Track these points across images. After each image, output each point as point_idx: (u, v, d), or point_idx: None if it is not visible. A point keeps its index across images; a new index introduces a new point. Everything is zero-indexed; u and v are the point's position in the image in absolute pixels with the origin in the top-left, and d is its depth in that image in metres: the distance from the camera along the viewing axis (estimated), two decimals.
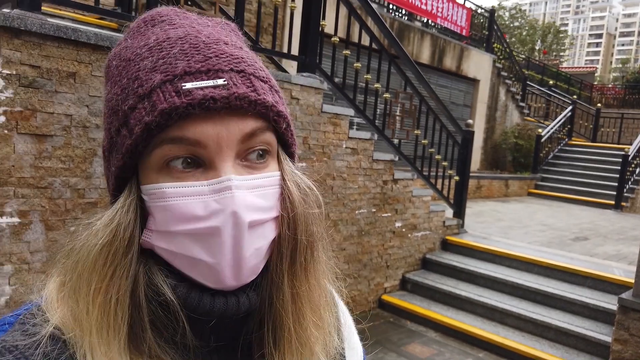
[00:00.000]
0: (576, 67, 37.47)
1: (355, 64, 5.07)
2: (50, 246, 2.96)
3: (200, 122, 0.51)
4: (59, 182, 2.97)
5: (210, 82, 0.51)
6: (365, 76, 5.22)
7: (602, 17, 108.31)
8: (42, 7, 3.07)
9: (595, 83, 28.58)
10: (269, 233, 0.56)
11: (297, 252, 0.58)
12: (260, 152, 0.55)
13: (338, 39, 4.96)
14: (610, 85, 28.40)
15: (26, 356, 0.49)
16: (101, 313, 0.51)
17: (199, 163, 0.53)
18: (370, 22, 5.63)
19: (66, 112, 2.96)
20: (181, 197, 0.52)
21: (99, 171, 3.13)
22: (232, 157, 0.53)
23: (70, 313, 0.52)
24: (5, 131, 2.75)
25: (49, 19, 2.95)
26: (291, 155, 0.62)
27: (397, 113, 5.67)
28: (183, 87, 0.50)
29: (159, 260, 0.55)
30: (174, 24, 0.57)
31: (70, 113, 2.98)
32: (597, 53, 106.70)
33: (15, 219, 2.83)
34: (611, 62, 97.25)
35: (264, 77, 0.56)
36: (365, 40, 5.27)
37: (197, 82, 0.51)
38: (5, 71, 2.73)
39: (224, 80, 0.51)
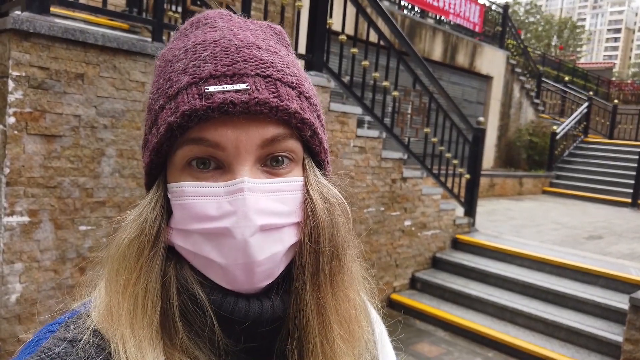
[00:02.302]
0: (594, 63, 36.88)
1: (363, 62, 5.06)
2: (59, 245, 3.02)
3: (221, 125, 0.52)
4: (67, 182, 3.02)
5: (233, 87, 0.52)
6: (373, 74, 5.20)
7: (620, 12, 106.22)
8: (54, 10, 3.12)
9: (613, 79, 28.08)
10: (287, 238, 0.55)
11: (320, 264, 0.56)
12: (283, 159, 0.55)
13: (346, 37, 4.95)
14: (628, 81, 27.89)
15: None
16: (131, 304, 0.52)
17: (219, 165, 0.53)
18: (379, 21, 5.61)
19: (74, 112, 3.01)
20: (198, 197, 0.53)
21: (107, 171, 3.17)
22: (251, 161, 0.53)
23: (105, 306, 0.54)
24: (15, 132, 2.81)
25: (59, 21, 3.00)
26: (320, 164, 0.61)
27: (407, 111, 5.64)
28: (206, 90, 0.51)
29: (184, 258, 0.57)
30: (214, 27, 0.58)
31: (78, 114, 3.03)
32: (615, 48, 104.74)
33: (26, 218, 2.88)
34: (630, 58, 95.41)
35: (292, 83, 0.56)
36: (374, 38, 5.25)
37: (220, 86, 0.52)
38: (15, 73, 2.78)
39: (247, 85, 0.52)
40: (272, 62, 0.55)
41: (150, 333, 0.51)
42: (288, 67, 0.57)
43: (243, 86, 0.52)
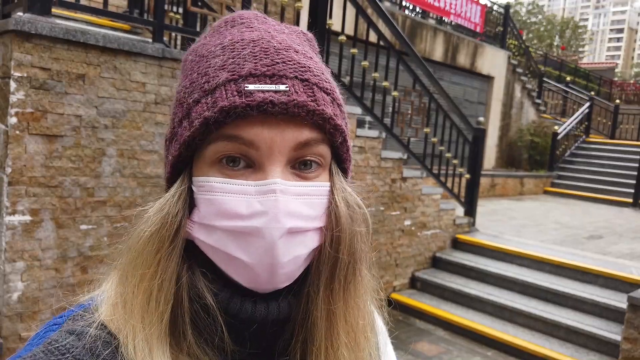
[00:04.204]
0: (596, 63, 36.80)
1: (363, 62, 5.08)
2: (60, 244, 3.05)
3: (257, 124, 0.52)
4: (69, 181, 3.05)
5: (273, 87, 0.52)
6: (373, 74, 5.22)
7: (623, 12, 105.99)
8: (55, 11, 3.15)
9: (616, 79, 28.04)
10: (311, 242, 0.56)
11: (336, 270, 0.57)
12: (312, 163, 0.56)
13: (345, 38, 4.97)
14: (631, 82, 27.83)
15: (73, 355, 0.50)
16: (146, 297, 0.53)
17: (250, 163, 0.54)
18: (379, 21, 5.63)
19: (76, 113, 3.04)
20: (227, 194, 0.53)
21: (107, 170, 3.20)
22: (283, 163, 0.53)
23: (119, 297, 0.54)
24: (17, 132, 2.84)
25: (60, 22, 3.03)
26: (344, 171, 0.62)
27: (408, 111, 5.66)
28: (245, 88, 0.52)
29: (200, 256, 0.57)
30: (251, 27, 0.59)
31: (79, 114, 3.06)
32: (618, 48, 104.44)
33: (27, 217, 2.91)
34: (632, 58, 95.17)
35: (327, 89, 0.57)
36: (374, 38, 5.27)
37: (260, 85, 0.52)
38: (17, 74, 2.81)
39: (286, 87, 0.53)
40: (309, 67, 0.56)
41: (159, 330, 0.52)
42: (323, 74, 0.58)
43: (282, 87, 0.52)
